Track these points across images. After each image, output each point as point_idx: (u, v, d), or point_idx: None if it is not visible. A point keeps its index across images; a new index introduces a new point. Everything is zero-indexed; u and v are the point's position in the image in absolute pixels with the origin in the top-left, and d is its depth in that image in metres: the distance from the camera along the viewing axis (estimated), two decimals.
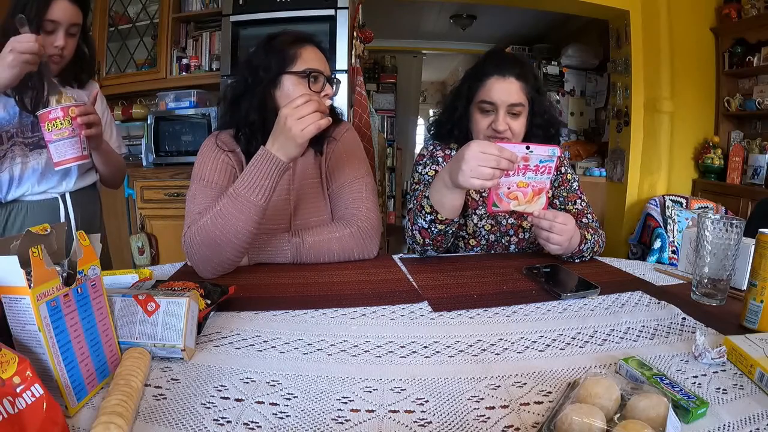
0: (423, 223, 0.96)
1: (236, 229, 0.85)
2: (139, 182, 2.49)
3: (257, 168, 0.84)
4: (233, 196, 0.85)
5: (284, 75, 0.95)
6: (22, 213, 1.14)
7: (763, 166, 2.56)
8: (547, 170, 0.87)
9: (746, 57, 2.70)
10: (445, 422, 0.45)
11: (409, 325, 0.68)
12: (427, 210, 0.94)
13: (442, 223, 0.94)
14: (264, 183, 0.84)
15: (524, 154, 0.84)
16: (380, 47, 4.99)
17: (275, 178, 0.85)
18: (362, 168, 1.06)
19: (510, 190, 0.88)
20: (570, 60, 4.24)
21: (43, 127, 1.01)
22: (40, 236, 0.50)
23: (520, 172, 0.86)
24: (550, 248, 0.94)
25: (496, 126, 1.04)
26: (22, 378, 0.38)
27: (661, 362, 0.57)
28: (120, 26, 2.82)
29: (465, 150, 0.81)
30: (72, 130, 1.01)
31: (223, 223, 0.84)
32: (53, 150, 1.02)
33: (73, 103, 1.02)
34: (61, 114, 1.00)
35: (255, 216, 0.85)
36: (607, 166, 3.30)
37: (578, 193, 1.13)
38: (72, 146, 1.02)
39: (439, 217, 0.93)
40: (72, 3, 1.06)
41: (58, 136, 1.00)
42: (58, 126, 1.00)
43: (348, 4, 2.26)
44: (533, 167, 0.86)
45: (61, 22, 1.05)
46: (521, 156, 0.84)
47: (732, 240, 0.73)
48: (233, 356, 0.58)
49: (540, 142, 1.10)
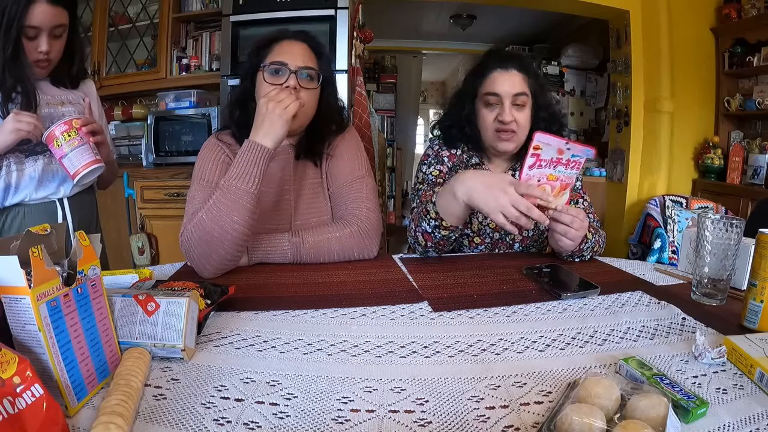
0: (426, 227, 0.96)
1: (231, 219, 0.85)
2: (139, 182, 2.49)
3: (244, 158, 0.87)
4: (224, 187, 0.86)
5: (257, 72, 0.99)
6: (20, 216, 1.13)
7: (763, 166, 2.56)
8: (577, 166, 0.87)
9: (746, 57, 2.70)
10: (445, 422, 0.45)
11: (409, 325, 0.68)
12: (432, 216, 0.94)
13: (447, 229, 0.94)
14: (252, 170, 0.87)
15: (561, 146, 0.84)
16: (380, 47, 4.99)
17: (261, 165, 0.88)
18: (362, 168, 1.06)
19: (540, 182, 0.88)
20: (570, 60, 4.25)
21: (52, 147, 1.04)
22: (40, 236, 0.50)
23: (552, 164, 0.86)
24: (565, 243, 0.94)
25: (503, 117, 1.05)
26: (22, 378, 0.38)
27: (661, 362, 0.57)
28: (120, 26, 2.82)
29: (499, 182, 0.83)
30: (80, 139, 1.03)
31: (218, 215, 0.85)
32: (67, 164, 1.05)
33: (74, 116, 1.04)
34: (66, 127, 1.03)
35: (247, 204, 0.86)
36: (607, 166, 3.31)
37: (581, 192, 1.14)
38: (84, 153, 1.05)
39: (444, 224, 0.93)
40: (53, 5, 1.01)
41: (68, 148, 1.03)
42: (66, 139, 1.03)
43: (348, 4, 2.26)
44: (565, 161, 0.85)
45: (42, 26, 1.01)
46: (557, 148, 0.84)
47: (732, 240, 0.73)
48: (233, 356, 0.58)
49: None
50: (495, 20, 4.39)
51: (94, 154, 1.06)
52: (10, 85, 1.01)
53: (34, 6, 0.99)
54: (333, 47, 2.24)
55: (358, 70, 2.41)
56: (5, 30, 0.97)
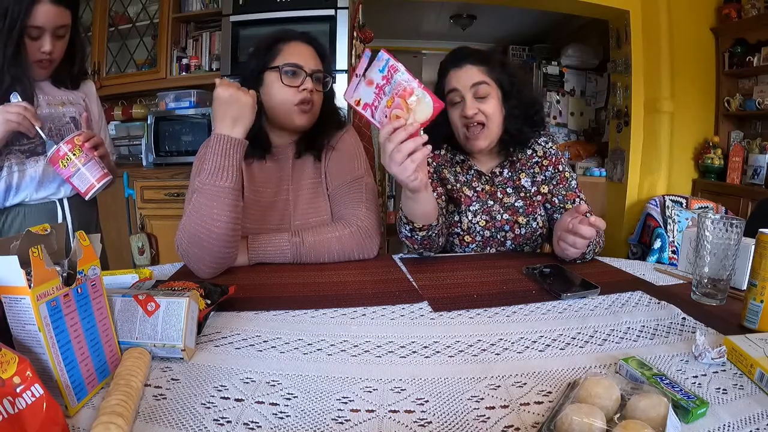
0: (406, 232, 0.97)
1: (212, 218, 0.84)
2: (139, 182, 2.49)
3: (215, 153, 0.85)
4: (200, 188, 0.85)
5: (265, 72, 0.98)
6: (20, 216, 1.13)
7: (763, 166, 2.56)
8: (393, 70, 0.74)
9: (746, 57, 2.70)
10: (445, 422, 0.45)
11: (409, 325, 0.68)
12: (405, 221, 0.95)
13: (421, 230, 0.94)
14: (225, 164, 0.84)
15: (372, 79, 0.76)
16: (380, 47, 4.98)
17: (235, 157, 0.85)
18: (362, 168, 1.06)
19: (387, 116, 0.76)
20: (570, 60, 4.25)
21: (57, 167, 1.04)
22: (40, 236, 0.50)
23: (379, 95, 0.77)
24: (571, 252, 0.93)
25: (465, 111, 1.04)
26: (22, 378, 0.38)
27: (661, 362, 0.57)
28: (120, 26, 2.82)
29: None
30: (85, 156, 1.04)
31: (200, 216, 0.85)
32: (77, 182, 1.06)
33: (75, 133, 1.05)
34: (69, 147, 1.03)
35: (227, 199, 0.85)
36: (607, 166, 3.31)
37: (576, 191, 1.13)
38: (92, 170, 1.06)
39: (416, 225, 0.94)
40: (56, 5, 1.00)
41: (75, 167, 1.04)
42: (71, 159, 1.03)
43: (348, 4, 2.26)
44: (381, 80, 0.76)
45: (46, 26, 1.01)
46: (366, 81, 0.76)
47: (732, 240, 0.73)
48: (233, 356, 0.58)
49: (521, 124, 1.10)
50: (495, 20, 4.39)
51: (101, 168, 1.07)
52: (9, 85, 1.01)
53: (38, 6, 0.98)
54: (333, 47, 2.24)
55: None
56: (8, 29, 0.97)
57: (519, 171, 1.14)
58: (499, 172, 1.14)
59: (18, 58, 1.00)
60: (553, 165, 1.14)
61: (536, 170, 1.14)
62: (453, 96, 1.07)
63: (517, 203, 1.12)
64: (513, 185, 1.14)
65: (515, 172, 1.14)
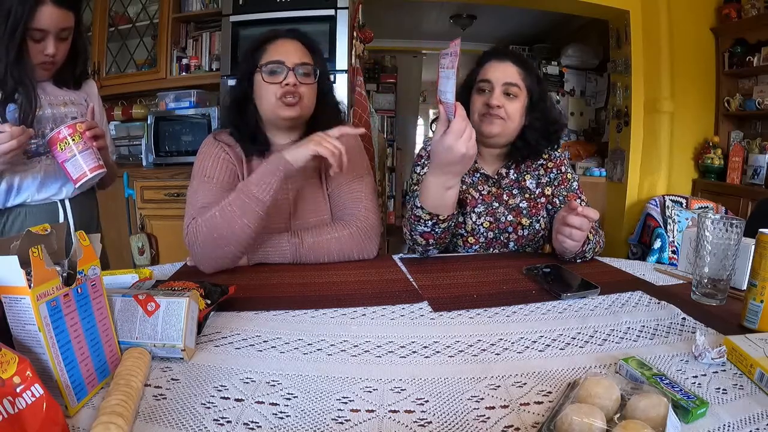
0: (425, 229, 0.97)
1: (242, 222, 0.88)
2: (139, 182, 2.49)
3: (266, 167, 0.90)
4: (241, 190, 0.89)
5: (254, 73, 0.99)
6: (21, 217, 1.13)
7: (763, 166, 2.56)
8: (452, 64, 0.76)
9: (746, 57, 2.70)
10: (445, 422, 0.45)
11: (409, 325, 0.68)
12: (427, 217, 0.94)
13: (445, 221, 0.95)
14: (269, 180, 0.89)
15: None
16: (380, 47, 4.99)
17: (279, 176, 0.89)
18: (362, 168, 1.06)
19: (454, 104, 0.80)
20: (570, 60, 4.25)
21: (55, 149, 1.03)
22: (40, 236, 0.50)
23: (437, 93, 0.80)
24: (569, 244, 0.93)
25: (490, 101, 1.05)
26: (22, 378, 0.38)
27: (661, 362, 0.57)
28: (120, 26, 2.82)
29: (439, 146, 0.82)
30: (84, 144, 1.03)
31: (230, 215, 0.88)
32: (70, 168, 1.04)
33: (78, 120, 1.04)
34: (70, 131, 1.02)
35: (259, 211, 0.89)
36: (607, 166, 3.30)
37: (578, 192, 1.13)
38: (87, 158, 1.05)
39: (441, 218, 0.94)
40: (59, 7, 0.99)
41: (72, 152, 1.03)
42: (70, 143, 1.02)
43: (348, 4, 2.25)
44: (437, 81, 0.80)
45: (49, 29, 1.00)
46: None
47: (732, 240, 0.73)
48: (233, 356, 0.58)
49: (538, 137, 1.10)
50: (495, 20, 4.39)
51: (97, 159, 1.06)
52: (11, 87, 1.01)
53: (41, 8, 0.97)
54: (333, 47, 2.24)
55: (358, 70, 2.41)
56: (10, 32, 0.96)
57: (524, 172, 1.14)
58: (506, 173, 1.14)
59: (21, 60, 1.00)
60: (556, 167, 1.14)
61: (541, 172, 1.14)
62: (483, 85, 1.07)
63: (521, 204, 1.12)
64: (519, 186, 1.14)
65: (521, 174, 1.14)
